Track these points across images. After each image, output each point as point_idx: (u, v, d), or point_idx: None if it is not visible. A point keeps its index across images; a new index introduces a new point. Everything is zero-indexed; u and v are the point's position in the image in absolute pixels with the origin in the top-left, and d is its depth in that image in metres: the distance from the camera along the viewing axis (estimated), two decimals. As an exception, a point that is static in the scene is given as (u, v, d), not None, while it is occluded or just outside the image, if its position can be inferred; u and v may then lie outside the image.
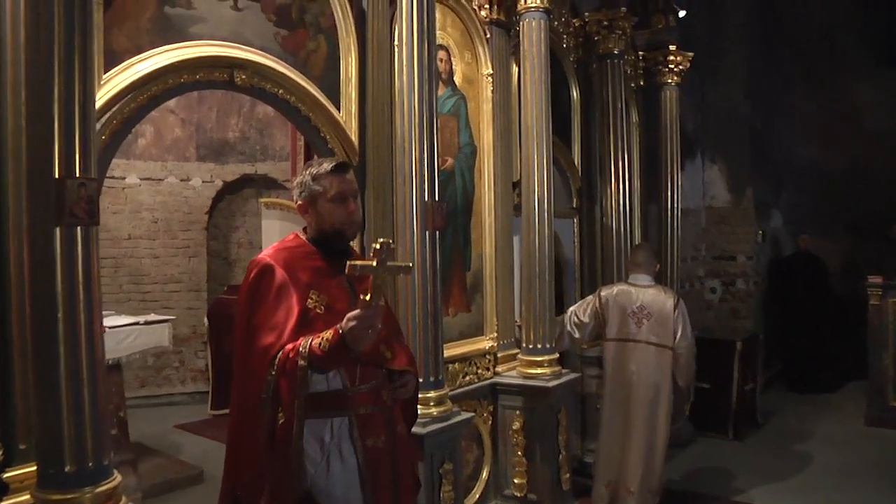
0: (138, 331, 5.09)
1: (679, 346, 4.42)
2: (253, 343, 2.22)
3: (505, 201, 4.65)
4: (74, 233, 2.07)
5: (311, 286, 2.31)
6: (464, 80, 4.41)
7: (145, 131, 8.12)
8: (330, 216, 2.37)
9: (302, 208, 2.44)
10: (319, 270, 2.38)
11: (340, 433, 2.32)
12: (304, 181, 2.41)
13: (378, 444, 2.38)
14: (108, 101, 2.60)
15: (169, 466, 5.61)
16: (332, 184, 2.37)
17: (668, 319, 4.40)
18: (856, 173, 9.16)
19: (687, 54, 6.53)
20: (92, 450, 2.09)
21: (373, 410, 2.38)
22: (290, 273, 2.31)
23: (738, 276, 8.45)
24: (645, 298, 4.47)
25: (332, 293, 2.34)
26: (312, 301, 2.29)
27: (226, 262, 8.81)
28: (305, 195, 2.41)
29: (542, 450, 4.34)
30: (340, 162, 2.46)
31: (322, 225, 2.40)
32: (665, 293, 4.54)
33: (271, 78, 3.22)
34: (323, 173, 2.38)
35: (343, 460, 2.34)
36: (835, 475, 5.58)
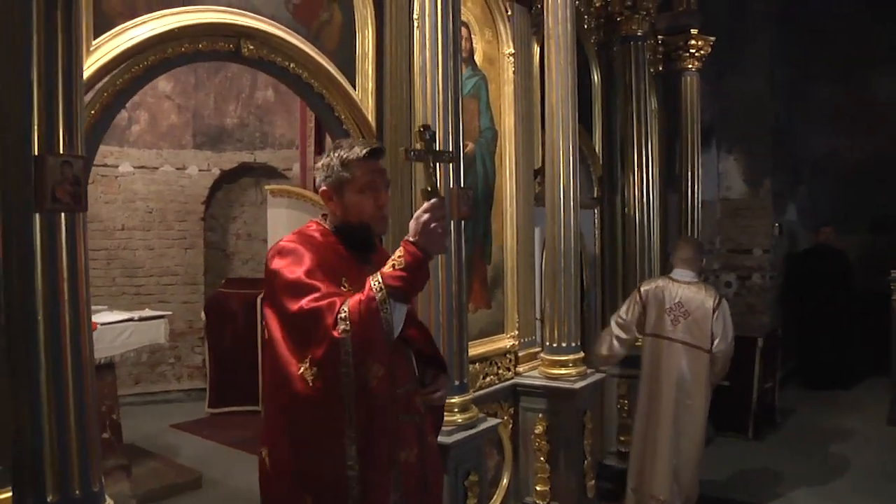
0: (132, 327, 4.80)
1: (717, 349, 4.15)
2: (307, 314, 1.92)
3: (526, 190, 4.36)
4: (57, 220, 1.76)
5: (342, 273, 2.08)
6: (484, 59, 4.10)
7: (139, 117, 7.80)
8: (357, 208, 2.14)
9: (326, 195, 2.19)
10: (346, 260, 2.15)
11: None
12: (331, 164, 2.15)
13: (410, 458, 2.16)
14: (98, 70, 2.28)
15: (165, 470, 5.31)
16: (363, 171, 2.12)
17: (707, 320, 4.14)
18: (876, 166, 8.94)
19: (709, 39, 6.24)
20: (78, 474, 1.78)
21: (405, 419, 2.16)
22: (321, 258, 2.05)
23: (754, 270, 8.18)
24: (684, 295, 4.22)
25: (361, 287, 2.04)
26: (345, 289, 2.04)
27: (224, 254, 8.50)
28: (331, 181, 2.15)
29: (567, 455, 4.06)
30: (375, 147, 2.19)
31: (347, 216, 2.16)
32: (706, 292, 4.26)
33: (282, 50, 2.91)
34: (354, 159, 2.12)
35: None
36: (858, 477, 5.38)
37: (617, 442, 5.24)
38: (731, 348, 4.22)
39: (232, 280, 8.02)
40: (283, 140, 8.06)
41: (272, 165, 8.09)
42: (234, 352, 7.17)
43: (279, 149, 8.07)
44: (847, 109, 9.03)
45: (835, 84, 9.06)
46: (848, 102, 9.03)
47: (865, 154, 9.03)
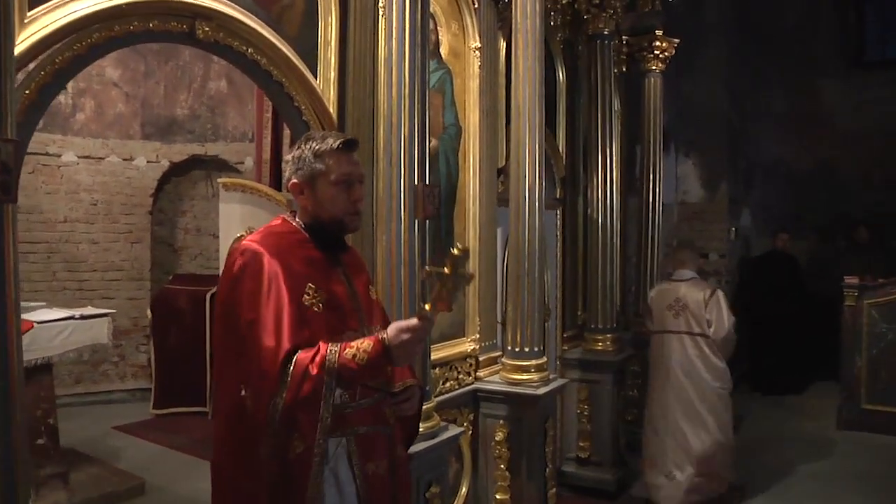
0: (73, 326, 4.54)
1: (715, 335, 4.66)
2: (257, 344, 1.87)
3: (490, 189, 4.22)
4: (-18, 211, 1.56)
5: (307, 278, 1.99)
6: (450, 52, 3.96)
7: (85, 105, 7.48)
8: (331, 203, 2.06)
9: (296, 188, 2.09)
10: (314, 262, 2.06)
11: (338, 457, 2.01)
12: (302, 156, 2.07)
13: (379, 471, 2.09)
14: (34, 46, 2.06)
15: (106, 477, 5.06)
16: (337, 164, 2.06)
17: (701, 310, 4.67)
18: (824, 174, 9.14)
19: (672, 41, 6.20)
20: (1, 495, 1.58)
21: (374, 430, 2.09)
22: (282, 262, 1.96)
23: (710, 275, 8.19)
24: (683, 292, 4.78)
25: (331, 289, 2.05)
26: (309, 297, 1.97)
27: (171, 249, 8.21)
28: (303, 173, 2.07)
29: (529, 463, 3.94)
30: (349, 138, 2.14)
31: (319, 211, 2.08)
32: (700, 286, 4.82)
33: (240, 34, 2.72)
34: (328, 150, 2.05)
35: (340, 490, 2.02)
36: (811, 481, 5.42)
37: (577, 448, 5.14)
38: (730, 333, 4.69)
39: (180, 276, 7.76)
40: (235, 133, 7.81)
41: (224, 158, 7.84)
42: (181, 351, 6.93)
43: (231, 141, 7.83)
44: (797, 117, 9.22)
45: (786, 92, 9.23)
46: (798, 110, 9.22)
47: (814, 161, 9.22)
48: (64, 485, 4.35)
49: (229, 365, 1.97)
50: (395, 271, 2.95)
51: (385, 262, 2.96)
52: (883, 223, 8.52)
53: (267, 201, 3.47)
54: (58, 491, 4.30)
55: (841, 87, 9.16)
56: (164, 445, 6.09)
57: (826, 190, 9.06)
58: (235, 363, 1.93)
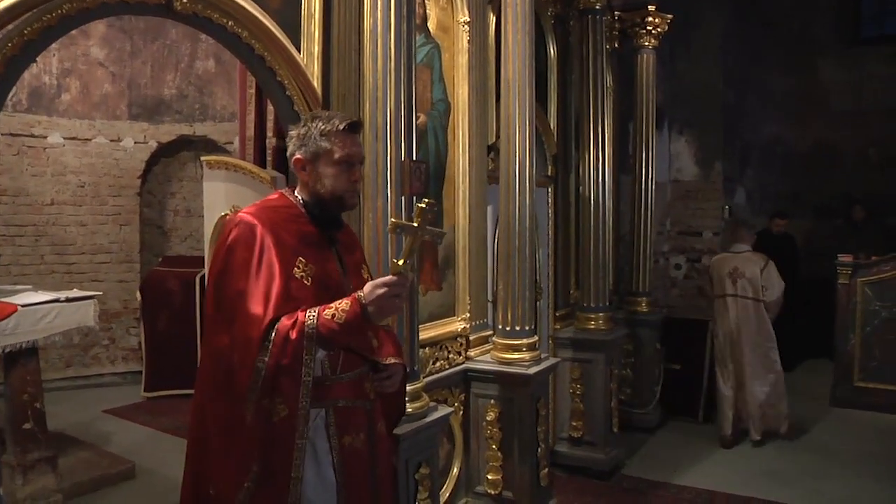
0: (58, 309, 4.45)
1: (769, 297, 5.67)
2: (244, 311, 1.93)
3: (480, 166, 4.16)
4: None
5: (297, 252, 2.04)
6: (438, 27, 3.88)
7: (70, 85, 7.37)
8: (332, 180, 2.12)
9: (299, 163, 2.16)
10: (307, 237, 2.11)
11: (316, 428, 2.05)
12: (309, 134, 2.13)
13: (356, 444, 2.13)
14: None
15: (96, 460, 5.01)
16: (342, 144, 2.12)
17: (757, 279, 5.68)
18: (821, 153, 9.08)
19: (666, 17, 6.12)
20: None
21: (353, 404, 2.14)
22: (275, 235, 2.01)
23: (703, 253, 8.16)
24: (739, 263, 5.75)
25: (322, 266, 2.10)
26: (300, 270, 2.03)
27: (161, 230, 8.13)
28: (307, 150, 2.13)
29: (520, 443, 3.90)
30: (355, 120, 2.19)
31: (319, 188, 2.14)
32: (755, 258, 5.75)
33: (220, 6, 2.64)
34: (334, 131, 2.11)
35: (317, 460, 2.05)
36: (805, 458, 5.44)
37: (569, 427, 5.11)
38: (780, 296, 5.71)
39: (169, 258, 7.69)
40: (224, 113, 7.71)
41: (212, 139, 7.75)
42: (172, 333, 6.88)
43: (220, 121, 7.73)
44: (794, 96, 9.16)
45: (782, 69, 9.15)
46: (795, 89, 9.15)
47: (811, 140, 9.17)
48: (52, 469, 4.29)
49: (219, 333, 1.99)
50: (382, 248, 2.88)
51: (372, 239, 2.90)
52: (879, 201, 8.49)
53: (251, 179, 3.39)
54: (46, 475, 4.25)
55: (838, 64, 9.09)
56: (154, 428, 6.05)
57: (823, 168, 9.02)
58: (227, 331, 1.96)
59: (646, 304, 6.21)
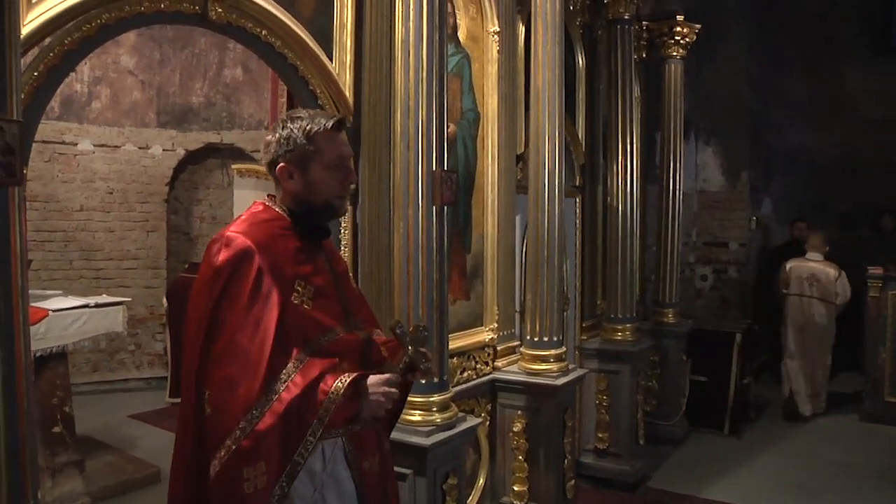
0: (88, 314, 4.51)
1: (840, 301, 6.78)
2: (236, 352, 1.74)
3: (509, 176, 4.15)
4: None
5: (296, 276, 1.88)
6: (468, 37, 3.88)
7: (100, 93, 7.46)
8: (324, 186, 1.93)
9: (284, 172, 1.92)
10: (299, 253, 1.93)
11: (334, 458, 1.94)
12: (291, 136, 1.89)
13: (374, 467, 2.04)
14: (43, 26, 2.01)
15: (121, 465, 5.05)
16: (331, 145, 1.92)
17: (832, 284, 6.73)
18: (848, 162, 8.96)
19: (694, 26, 6.08)
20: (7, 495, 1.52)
21: (365, 426, 1.99)
22: (271, 260, 1.83)
23: (730, 264, 8.10)
24: (814, 269, 6.77)
25: (317, 281, 1.94)
26: (298, 295, 1.87)
27: (187, 237, 8.20)
28: (294, 156, 1.90)
29: (546, 455, 3.88)
30: (341, 117, 1.99)
31: (310, 196, 1.93)
32: (830, 267, 6.77)
33: (253, 15, 2.66)
34: (320, 131, 1.90)
35: (340, 489, 1.94)
36: (834, 475, 5.33)
37: (595, 439, 5.07)
38: (848, 297, 6.78)
39: (195, 265, 7.70)
40: (251, 121, 7.77)
41: (239, 146, 7.81)
42: (197, 340, 6.89)
43: (247, 129, 7.78)
44: (819, 104, 9.02)
45: (809, 78, 9.04)
46: (820, 97, 9.02)
47: (837, 148, 9.04)
48: (80, 472, 4.33)
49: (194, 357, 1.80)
50: (413, 259, 2.88)
51: (402, 249, 2.90)
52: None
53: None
54: (74, 479, 4.28)
55: (865, 72, 8.96)
56: (180, 434, 6.07)
57: (849, 178, 8.88)
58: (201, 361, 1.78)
59: (672, 315, 6.14)
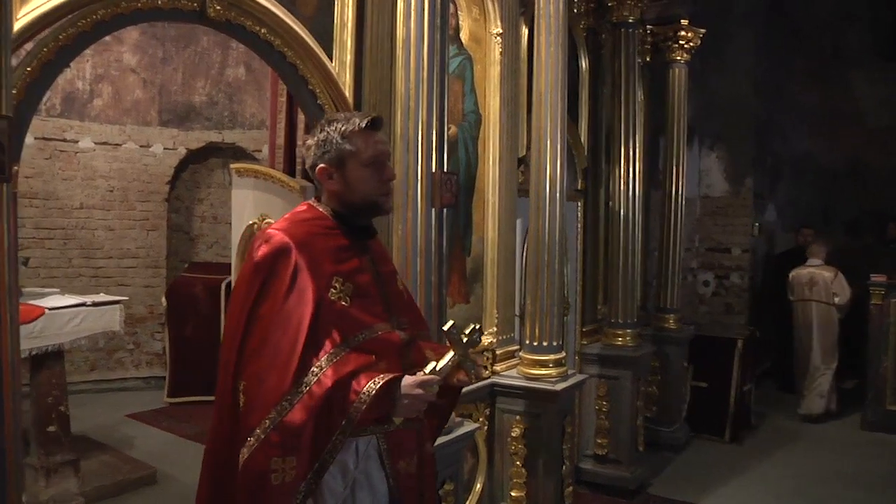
0: (85, 313, 4.48)
1: (839, 302, 6.99)
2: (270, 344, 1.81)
3: (510, 179, 4.11)
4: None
5: (334, 273, 1.92)
6: (470, 38, 3.85)
7: (102, 91, 7.44)
8: (364, 184, 1.98)
9: (324, 173, 2.00)
10: (342, 251, 1.98)
11: (368, 456, 1.96)
12: (329, 139, 1.97)
13: (410, 469, 2.04)
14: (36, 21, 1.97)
15: (118, 465, 5.01)
16: (367, 143, 1.97)
17: (828, 286, 6.99)
18: (854, 170, 8.93)
19: (698, 31, 6.04)
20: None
21: (404, 427, 1.99)
22: (309, 255, 1.88)
23: (732, 270, 8.05)
24: (812, 273, 7.09)
25: (358, 280, 1.97)
26: (335, 291, 1.90)
27: (188, 237, 8.17)
28: (331, 156, 1.97)
29: (545, 461, 3.83)
30: (375, 116, 2.03)
31: (351, 196, 1.99)
32: (826, 270, 7.05)
33: (253, 13, 2.62)
34: (356, 130, 1.96)
35: (372, 488, 1.97)
36: (835, 483, 5.28)
37: (595, 444, 5.03)
38: (848, 298, 6.99)
39: (196, 264, 7.71)
40: (253, 120, 7.75)
41: (241, 146, 7.78)
42: (196, 339, 6.90)
43: (249, 129, 7.76)
44: (826, 111, 9.00)
45: (815, 85, 9.01)
46: (827, 104, 8.99)
47: (843, 156, 9.01)
48: (75, 472, 4.30)
49: (231, 351, 1.87)
50: (412, 261, 2.85)
51: (401, 250, 2.86)
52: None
53: (280, 187, 3.37)
54: (69, 478, 4.25)
55: (872, 79, 8.93)
56: (177, 434, 6.05)
57: (855, 185, 8.85)
58: (237, 354, 1.85)
59: (673, 321, 6.10)
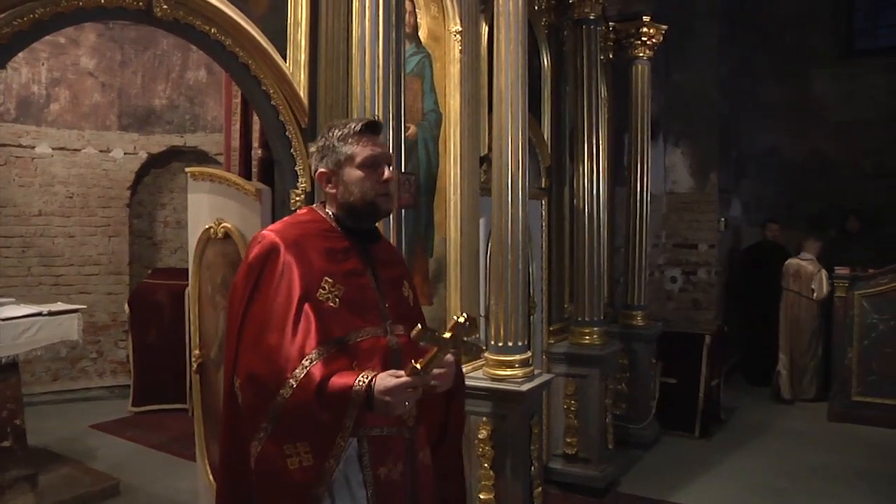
0: (41, 322, 4.37)
1: (816, 296, 7.40)
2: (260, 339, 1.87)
3: (472, 178, 4.07)
4: None
5: (324, 271, 1.94)
6: (429, 36, 3.81)
7: (59, 95, 7.28)
8: (359, 186, 2.01)
9: (323, 177, 2.06)
10: (337, 253, 2.00)
11: (348, 459, 1.92)
12: (327, 144, 2.04)
13: (393, 475, 1.99)
14: (-32, 19, 1.91)
15: (79, 477, 4.90)
16: (363, 147, 2.02)
17: (808, 281, 7.46)
18: (816, 164, 9.06)
19: (661, 27, 6.06)
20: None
21: (391, 432, 1.99)
22: (299, 253, 1.92)
23: (699, 266, 8.09)
24: (799, 266, 7.59)
25: (351, 283, 1.98)
26: (324, 292, 1.92)
27: (151, 242, 8.04)
28: (329, 161, 2.03)
29: (513, 462, 3.79)
30: (372, 120, 2.10)
31: (349, 197, 2.03)
32: (813, 265, 7.52)
33: (202, 12, 2.56)
34: (351, 133, 2.02)
35: (351, 494, 1.93)
36: (803, 476, 5.32)
37: (564, 444, 5.02)
38: (825, 294, 7.32)
39: (159, 270, 7.58)
40: (215, 123, 7.62)
41: (203, 150, 7.67)
42: (160, 346, 6.79)
43: (211, 132, 7.64)
44: (789, 106, 9.12)
45: (777, 81, 9.13)
46: (790, 99, 9.13)
47: (806, 152, 9.15)
48: (32, 487, 4.18)
49: (231, 351, 1.94)
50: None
51: (359, 253, 2.80)
52: (874, 213, 8.46)
53: (236, 191, 3.30)
54: (25, 494, 4.13)
55: (832, 75, 9.07)
56: (141, 444, 5.93)
57: (818, 179, 8.98)
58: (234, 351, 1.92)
59: (641, 318, 6.11)
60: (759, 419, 6.85)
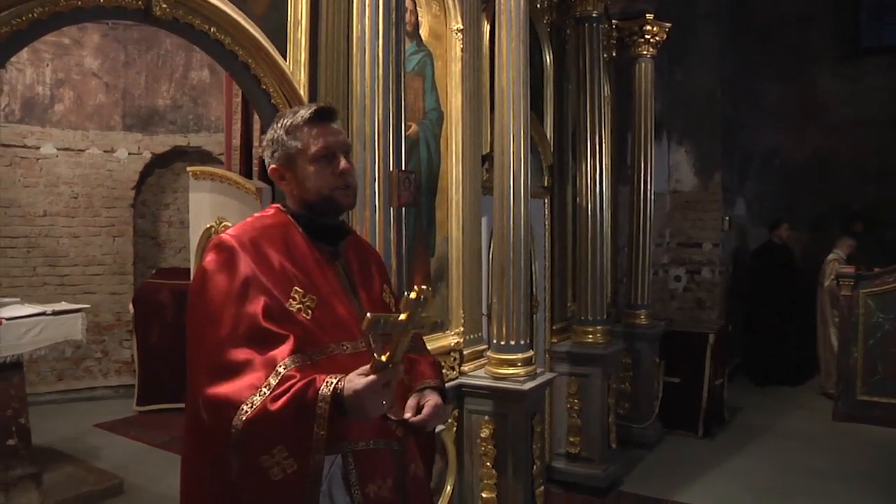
0: (45, 322, 4.38)
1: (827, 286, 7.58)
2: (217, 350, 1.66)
3: (474, 177, 4.07)
4: None
5: (292, 280, 1.74)
6: (430, 34, 3.81)
7: (63, 96, 7.30)
8: (314, 180, 1.80)
9: (276, 173, 1.85)
10: (303, 258, 1.79)
11: (332, 478, 1.72)
12: (275, 137, 1.83)
13: (383, 493, 1.78)
14: (-34, 18, 1.91)
15: (83, 476, 4.91)
16: (313, 136, 1.80)
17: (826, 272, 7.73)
18: (820, 164, 9.02)
19: (664, 25, 6.04)
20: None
21: (377, 445, 1.80)
22: (262, 261, 1.72)
23: (703, 265, 8.08)
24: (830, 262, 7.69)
25: (323, 289, 1.78)
26: (295, 302, 1.71)
27: (154, 242, 8.05)
28: (280, 155, 1.83)
29: (515, 461, 3.80)
30: (322, 106, 1.86)
31: (305, 194, 1.82)
32: (838, 262, 7.61)
33: (202, 11, 2.56)
34: (300, 123, 1.81)
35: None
36: (807, 476, 5.29)
37: (566, 443, 5.01)
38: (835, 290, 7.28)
39: (163, 270, 7.60)
40: (218, 123, 7.62)
41: (207, 149, 7.67)
42: (164, 346, 6.78)
43: (214, 132, 7.64)
44: (792, 106, 9.08)
45: (781, 80, 9.10)
46: (793, 99, 9.09)
47: (809, 151, 9.10)
48: (36, 486, 4.20)
49: (191, 366, 1.73)
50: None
51: (359, 252, 2.81)
52: (878, 213, 8.43)
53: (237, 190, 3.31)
54: (29, 492, 4.15)
55: (836, 74, 9.04)
56: (145, 443, 5.95)
57: (821, 179, 8.94)
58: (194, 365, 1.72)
59: (644, 317, 6.09)
60: (763, 419, 6.81)
